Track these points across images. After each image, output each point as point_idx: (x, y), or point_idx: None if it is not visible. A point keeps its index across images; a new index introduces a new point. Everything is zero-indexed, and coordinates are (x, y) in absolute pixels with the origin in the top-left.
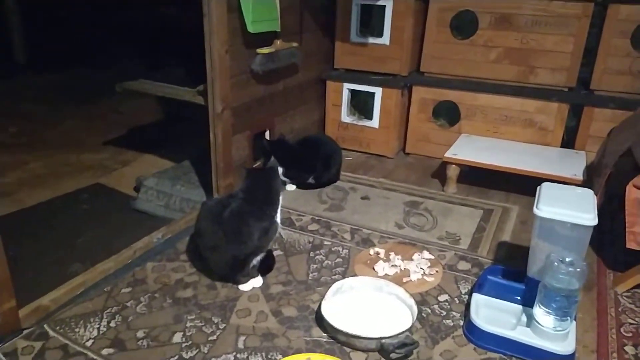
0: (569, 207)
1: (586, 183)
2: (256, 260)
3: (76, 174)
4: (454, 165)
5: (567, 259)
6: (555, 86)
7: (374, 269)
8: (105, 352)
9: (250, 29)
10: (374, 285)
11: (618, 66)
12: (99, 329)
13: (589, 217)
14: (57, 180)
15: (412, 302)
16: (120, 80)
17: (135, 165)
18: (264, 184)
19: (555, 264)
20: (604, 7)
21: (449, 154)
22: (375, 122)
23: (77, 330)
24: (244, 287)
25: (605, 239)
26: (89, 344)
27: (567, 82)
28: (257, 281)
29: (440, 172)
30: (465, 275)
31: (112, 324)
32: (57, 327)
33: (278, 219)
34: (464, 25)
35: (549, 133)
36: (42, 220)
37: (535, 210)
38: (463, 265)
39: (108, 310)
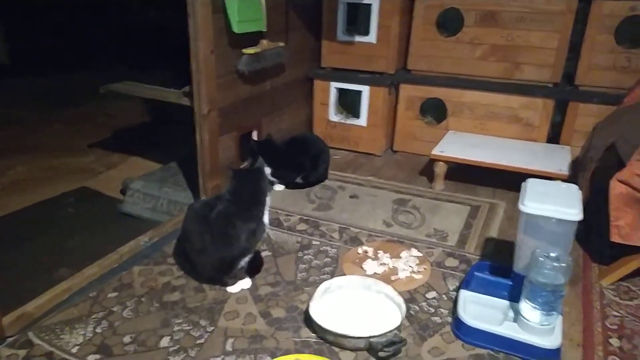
0: (554, 203)
1: (572, 178)
2: (244, 262)
3: (62, 177)
4: (441, 162)
5: (552, 254)
6: (541, 82)
7: (362, 267)
8: (91, 358)
9: (236, 29)
10: (362, 284)
11: (602, 62)
12: (84, 335)
13: (574, 212)
14: (42, 184)
15: (400, 300)
16: (105, 82)
17: (122, 168)
18: (251, 184)
19: (541, 259)
20: (588, 3)
21: (436, 151)
22: (363, 121)
23: (62, 336)
24: (232, 289)
25: (591, 233)
26: (74, 350)
27: (552, 77)
28: (245, 283)
29: (428, 170)
30: (453, 272)
31: (98, 330)
32: (42, 334)
33: (266, 219)
34: (449, 22)
35: (535, 129)
36: (27, 225)
37: (520, 206)
38: (451, 262)
39: (94, 316)
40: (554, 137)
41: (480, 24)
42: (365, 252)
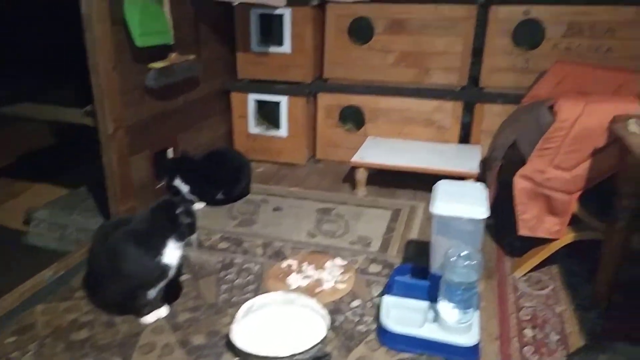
0: (462, 202)
1: (482, 176)
2: (154, 293)
3: None
4: (361, 169)
5: (463, 253)
6: (449, 86)
7: (286, 282)
8: None
9: (138, 42)
10: (285, 300)
11: (503, 64)
12: None
13: (480, 210)
14: None
15: (324, 312)
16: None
17: (25, 196)
18: (154, 219)
19: (453, 259)
20: (486, 9)
21: (356, 158)
22: (283, 131)
23: None
24: (147, 319)
25: (503, 228)
26: None
27: (459, 81)
28: (162, 311)
29: (350, 176)
30: (376, 278)
31: None
32: None
33: (169, 259)
34: (361, 30)
35: (447, 130)
36: None
37: (431, 208)
38: (374, 268)
39: None
40: (465, 137)
41: (389, 31)
42: (289, 265)
